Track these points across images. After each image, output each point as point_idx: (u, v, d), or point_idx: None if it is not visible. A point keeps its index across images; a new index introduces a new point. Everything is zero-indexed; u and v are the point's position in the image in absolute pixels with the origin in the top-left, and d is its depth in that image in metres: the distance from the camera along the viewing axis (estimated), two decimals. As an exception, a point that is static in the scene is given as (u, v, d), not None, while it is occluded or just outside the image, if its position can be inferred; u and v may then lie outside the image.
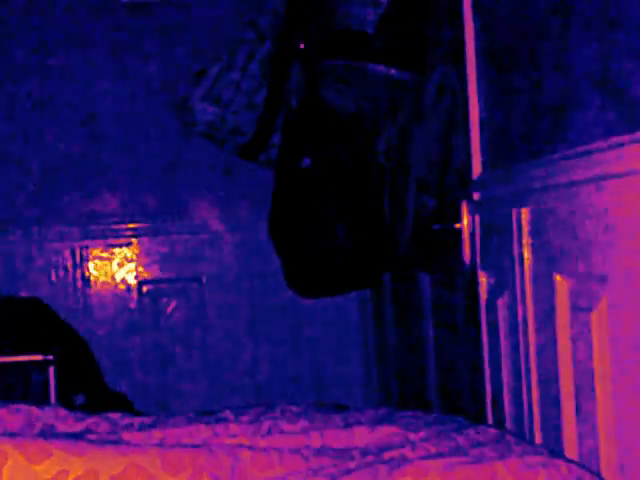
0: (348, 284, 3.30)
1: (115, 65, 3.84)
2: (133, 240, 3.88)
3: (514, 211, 1.98)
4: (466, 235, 2.29)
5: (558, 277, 1.78)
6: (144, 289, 3.88)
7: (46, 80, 3.81)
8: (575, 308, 1.72)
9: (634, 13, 1.51)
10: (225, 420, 1.72)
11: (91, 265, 3.86)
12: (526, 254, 1.94)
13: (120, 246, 3.87)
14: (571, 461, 1.52)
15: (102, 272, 3.86)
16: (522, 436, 1.94)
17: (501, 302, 2.12)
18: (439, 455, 1.47)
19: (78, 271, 3.84)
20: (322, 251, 3.09)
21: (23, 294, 3.74)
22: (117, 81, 3.84)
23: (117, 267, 3.87)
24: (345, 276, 3.19)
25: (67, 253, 3.84)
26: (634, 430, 1.52)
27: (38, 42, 3.79)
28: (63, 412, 1.79)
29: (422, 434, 1.60)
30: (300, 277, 3.21)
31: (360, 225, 3.08)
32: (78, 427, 1.74)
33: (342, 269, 3.14)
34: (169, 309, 3.87)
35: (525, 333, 1.95)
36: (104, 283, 3.86)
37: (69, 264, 3.84)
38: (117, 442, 1.50)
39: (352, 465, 1.44)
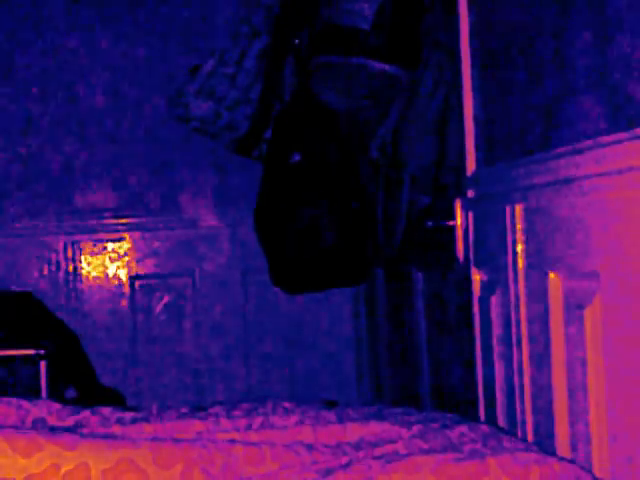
0: (332, 281, 3.30)
1: (110, 58, 3.83)
2: (125, 235, 3.87)
3: (508, 208, 1.98)
4: (460, 232, 2.28)
5: (551, 274, 1.78)
6: (136, 284, 3.87)
7: (40, 72, 3.80)
8: (568, 305, 1.71)
9: (631, 10, 1.50)
10: (217, 415, 1.72)
11: (83, 260, 3.85)
12: (519, 251, 1.94)
13: (112, 241, 3.87)
14: (563, 458, 1.52)
15: (94, 267, 3.86)
16: (514, 433, 1.94)
17: (494, 299, 2.12)
18: (431, 451, 1.46)
19: (70, 266, 3.83)
20: (307, 248, 3.08)
21: (15, 288, 3.73)
22: (111, 75, 3.83)
23: (109, 262, 3.86)
24: (329, 273, 3.19)
25: (59, 248, 3.83)
26: (627, 428, 1.52)
27: (35, 35, 3.78)
28: (54, 406, 1.78)
29: (414, 430, 1.59)
30: (284, 272, 3.20)
31: (347, 223, 3.08)
32: (69, 421, 1.74)
33: (326, 266, 3.13)
34: (161, 304, 3.86)
35: (518, 330, 1.95)
36: (96, 278, 3.86)
37: (61, 259, 3.83)
38: (108, 436, 1.49)
39: (344, 461, 1.44)
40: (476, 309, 2.27)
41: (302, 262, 3.13)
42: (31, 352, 3.17)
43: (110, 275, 3.86)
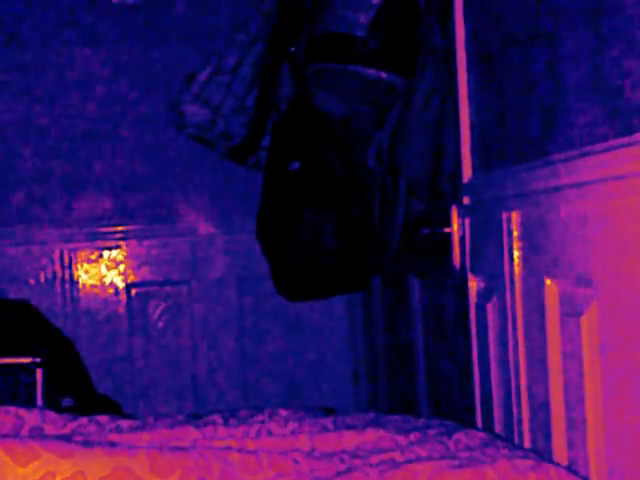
0: (335, 288, 3.30)
1: (107, 66, 3.83)
2: (122, 243, 3.87)
3: (504, 215, 1.98)
4: (456, 239, 2.29)
5: (548, 281, 1.78)
6: (133, 292, 3.87)
7: (36, 78, 3.80)
8: (565, 312, 1.72)
9: (626, 16, 1.51)
10: (214, 423, 1.72)
11: (80, 268, 3.84)
12: (516, 258, 1.94)
13: (109, 249, 3.86)
14: (560, 465, 1.52)
15: (91, 275, 3.85)
16: (511, 440, 1.94)
17: (491, 306, 2.12)
18: (428, 459, 1.46)
19: (67, 274, 3.83)
20: (309, 255, 3.08)
21: (11, 297, 3.72)
22: (109, 82, 3.83)
23: (106, 270, 3.86)
24: (332, 280, 3.19)
25: (56, 256, 3.83)
26: (623, 434, 1.51)
27: (33, 40, 3.79)
28: (51, 414, 1.78)
29: (411, 438, 1.59)
30: (287, 280, 3.20)
31: (348, 229, 3.08)
32: (66, 429, 1.74)
33: (329, 273, 3.13)
34: (158, 312, 3.86)
35: (515, 337, 1.95)
36: (92, 286, 3.85)
37: (57, 267, 3.83)
38: (105, 444, 1.49)
39: (341, 468, 1.44)
40: (472, 315, 2.26)
41: (304, 269, 3.13)
42: (27, 360, 3.17)
43: (107, 283, 3.86)
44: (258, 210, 3.22)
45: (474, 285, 2.25)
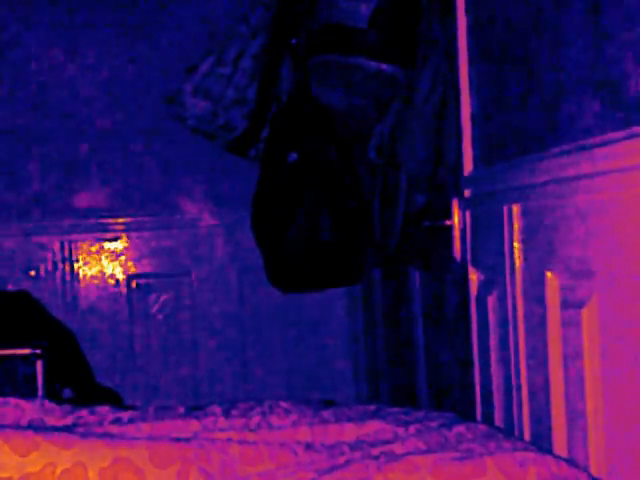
0: (330, 280, 3.30)
1: (107, 58, 3.82)
2: (122, 234, 3.87)
3: (505, 208, 1.98)
4: (457, 232, 2.29)
5: (549, 274, 1.78)
6: (133, 284, 3.87)
7: (35, 72, 3.80)
8: (565, 305, 1.71)
9: (628, 10, 1.51)
10: (214, 415, 1.72)
11: (80, 259, 3.84)
12: (517, 251, 1.94)
13: (109, 240, 3.87)
14: (560, 457, 1.52)
15: (91, 266, 3.85)
16: (512, 432, 1.94)
17: (491, 299, 2.12)
18: (429, 451, 1.46)
19: (67, 265, 3.83)
20: (306, 246, 3.08)
21: (11, 288, 3.72)
22: (108, 74, 3.83)
23: (106, 262, 3.86)
24: (327, 272, 3.19)
25: (56, 247, 3.83)
26: (623, 427, 1.51)
27: (34, 32, 3.78)
28: (51, 406, 1.78)
29: (412, 430, 1.59)
30: (282, 272, 3.20)
31: (345, 222, 3.08)
32: (66, 421, 1.74)
33: (324, 265, 3.13)
34: (158, 304, 3.86)
35: (515, 330, 1.95)
36: (93, 277, 3.85)
37: (58, 258, 3.83)
38: (105, 435, 1.49)
39: (341, 460, 1.44)
40: (473, 308, 2.27)
41: (299, 261, 3.13)
42: (28, 352, 3.17)
43: (107, 274, 3.86)
44: (253, 200, 3.21)
45: (475, 278, 2.25)
